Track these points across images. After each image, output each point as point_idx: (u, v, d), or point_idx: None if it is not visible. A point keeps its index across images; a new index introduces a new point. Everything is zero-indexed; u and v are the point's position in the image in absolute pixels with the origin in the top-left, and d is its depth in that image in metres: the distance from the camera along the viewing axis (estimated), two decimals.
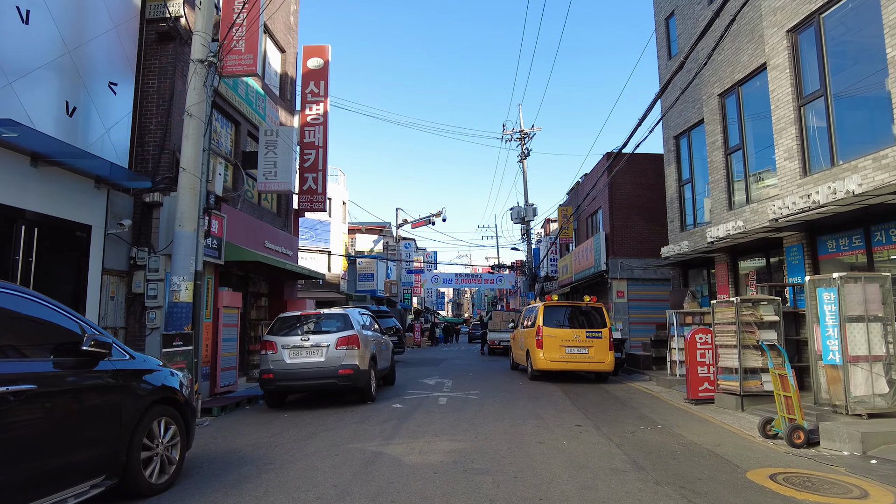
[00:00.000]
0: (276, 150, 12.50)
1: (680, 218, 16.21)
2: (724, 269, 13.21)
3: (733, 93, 12.96)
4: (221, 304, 11.03)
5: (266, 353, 9.04)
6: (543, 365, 12.49)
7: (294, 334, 9.12)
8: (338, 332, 9.06)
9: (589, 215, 24.18)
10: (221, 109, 11.93)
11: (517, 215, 31.93)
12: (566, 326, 12.84)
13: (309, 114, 15.97)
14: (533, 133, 32.60)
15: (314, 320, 9.41)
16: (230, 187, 12.27)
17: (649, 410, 8.88)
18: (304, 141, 15.86)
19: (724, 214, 12.94)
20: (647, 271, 20.60)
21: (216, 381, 10.80)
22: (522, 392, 10.85)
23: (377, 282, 31.56)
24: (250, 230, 12.62)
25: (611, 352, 12.71)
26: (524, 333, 14.19)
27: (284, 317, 9.54)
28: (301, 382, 8.87)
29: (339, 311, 9.51)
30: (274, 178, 12.39)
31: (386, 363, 11.28)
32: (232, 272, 12.77)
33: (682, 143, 16.33)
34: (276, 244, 13.91)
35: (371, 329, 10.85)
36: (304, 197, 15.69)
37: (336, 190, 29.53)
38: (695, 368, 10.00)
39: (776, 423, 7.04)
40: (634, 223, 20.97)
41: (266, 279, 14.56)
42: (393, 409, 8.71)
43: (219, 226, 10.85)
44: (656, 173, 21.26)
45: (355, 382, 8.96)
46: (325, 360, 8.86)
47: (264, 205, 14.28)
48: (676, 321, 12.69)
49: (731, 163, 13.20)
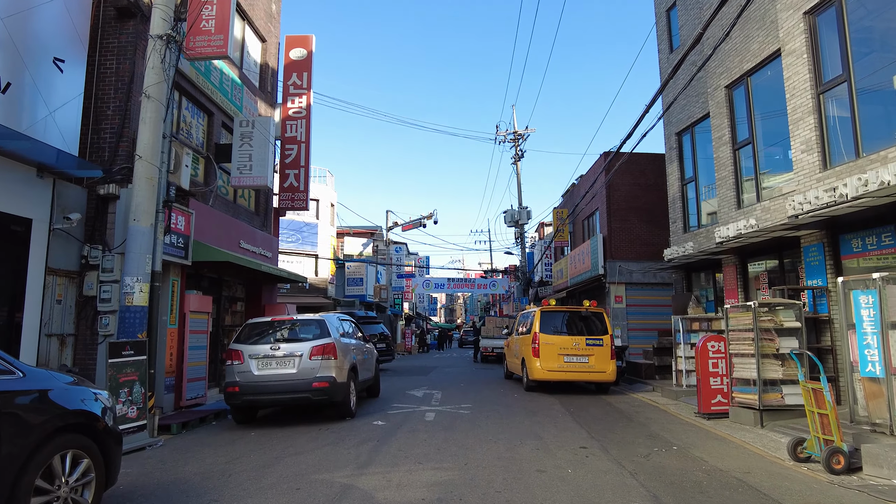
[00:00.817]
0: (251, 142, 11.56)
1: (683, 218, 15.38)
2: (733, 271, 12.37)
3: (742, 84, 12.15)
4: (188, 308, 10.06)
5: (231, 364, 8.07)
6: (540, 375, 11.58)
7: (263, 342, 8.16)
8: (313, 341, 8.11)
9: (585, 217, 23.36)
10: (192, 98, 10.99)
11: (511, 218, 31.09)
12: (565, 333, 11.94)
13: (291, 107, 15.05)
14: (527, 134, 31.86)
15: (287, 327, 8.46)
16: (201, 182, 11.31)
17: (659, 427, 7.98)
18: (286, 136, 14.92)
19: (733, 213, 12.11)
20: (646, 275, 19.77)
21: (181, 394, 9.81)
22: (518, 406, 9.92)
23: (366, 286, 30.57)
24: (223, 229, 11.65)
25: (612, 360, 11.82)
26: (519, 340, 13.28)
27: (253, 323, 8.58)
28: (270, 397, 7.91)
29: (315, 316, 8.57)
30: (249, 172, 11.45)
31: (369, 374, 10.33)
32: (203, 274, 11.79)
33: (685, 139, 15.54)
34: (253, 244, 12.94)
35: (353, 336, 9.90)
36: (285, 195, 14.73)
37: (324, 191, 28.59)
38: (706, 379, 9.13)
39: (809, 445, 6.16)
40: (633, 225, 20.15)
41: (242, 282, 13.58)
42: (373, 428, 7.76)
43: (185, 222, 9.89)
44: (655, 173, 20.49)
45: (331, 397, 8.00)
46: (297, 371, 7.90)
47: (241, 202, 13.32)
48: (682, 327, 11.83)
49: (739, 158, 12.39)
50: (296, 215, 27.23)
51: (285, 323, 8.50)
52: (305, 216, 27.67)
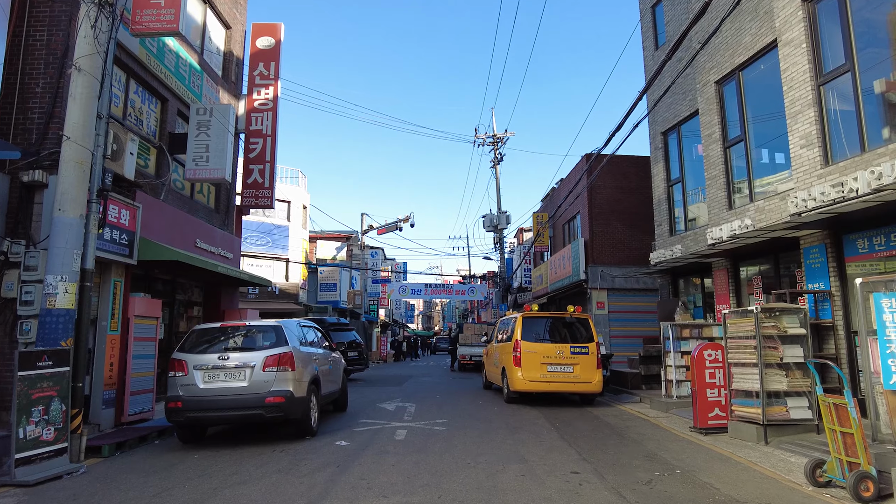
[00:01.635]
0: (209, 131, 10.56)
1: (669, 221, 14.78)
2: (724, 275, 11.74)
3: (733, 79, 11.58)
4: (133, 312, 8.99)
5: (174, 376, 7.06)
6: (522, 385, 10.75)
7: (211, 351, 7.17)
8: (267, 350, 7.14)
9: (566, 221, 22.74)
10: (143, 81, 9.97)
11: (490, 223, 30.37)
12: (548, 341, 11.14)
13: (257, 98, 14.06)
14: (506, 138, 31.24)
15: (239, 334, 7.47)
16: (152, 174, 10.27)
17: (655, 445, 7.20)
18: (251, 128, 13.93)
19: (724, 214, 11.50)
20: (629, 280, 19.18)
21: (123, 409, 8.73)
22: (499, 420, 9.07)
23: (340, 292, 29.48)
24: (177, 226, 10.61)
25: (599, 370, 11.06)
26: (499, 348, 12.45)
27: (201, 329, 7.58)
28: (217, 414, 6.91)
29: (271, 322, 7.60)
30: (205, 164, 10.44)
31: (335, 386, 9.38)
32: (155, 276, 10.72)
33: (671, 139, 14.97)
34: (211, 244, 11.89)
35: (318, 345, 8.95)
36: (249, 192, 13.71)
37: (296, 193, 27.50)
38: (703, 391, 8.40)
39: (829, 468, 5.42)
40: (615, 229, 19.55)
41: (199, 285, 12.50)
42: (335, 449, 6.81)
43: (130, 217, 8.86)
44: (638, 176, 19.96)
45: (288, 413, 7.04)
46: (248, 384, 6.93)
47: (199, 198, 12.26)
48: (672, 335, 11.14)
49: (730, 157, 11.80)
50: (266, 217, 26.10)
51: (237, 329, 7.52)
52: (276, 218, 26.55)
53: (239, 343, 7.33)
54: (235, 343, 7.33)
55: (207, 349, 7.23)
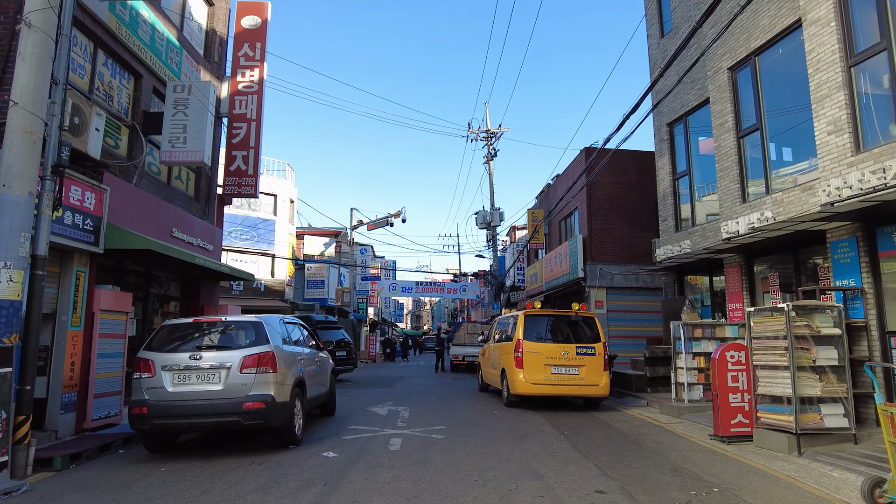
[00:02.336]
0: (187, 110, 9.69)
1: (675, 216, 14.11)
2: (737, 272, 11.08)
3: (748, 64, 10.92)
4: (99, 306, 8.12)
5: (139, 377, 6.22)
6: (524, 389, 10.00)
7: (183, 350, 6.33)
8: (245, 349, 6.32)
9: (563, 218, 22.04)
10: (113, 53, 9.09)
11: (483, 220, 29.69)
12: (552, 340, 10.41)
13: (241, 80, 13.18)
14: (500, 133, 30.60)
15: (215, 331, 6.63)
16: (123, 155, 9.39)
17: (679, 457, 6.49)
18: (234, 112, 13.05)
19: (737, 208, 10.85)
20: (629, 279, 18.53)
21: (86, 413, 7.86)
22: (502, 427, 8.31)
23: (328, 289, 28.56)
24: (152, 213, 9.74)
25: (606, 372, 10.35)
26: (498, 349, 11.70)
27: (171, 325, 6.72)
28: (188, 421, 6.08)
29: (251, 318, 6.76)
30: (182, 145, 9.56)
31: (322, 388, 8.56)
32: (126, 267, 9.83)
33: (678, 130, 14.31)
34: (189, 234, 11.02)
35: (303, 344, 8.13)
36: (232, 180, 12.83)
37: (283, 186, 26.56)
38: (725, 396, 7.71)
39: (891, 488, 4.73)
40: (615, 226, 18.89)
41: (177, 279, 11.61)
42: (322, 462, 6.01)
43: (96, 200, 7.99)
44: (639, 171, 19.34)
45: (268, 421, 6.22)
46: (223, 388, 6.10)
47: (177, 185, 11.37)
48: (684, 335, 10.45)
49: (744, 147, 11.14)
50: (251, 210, 25.15)
51: (212, 325, 6.68)
52: (262, 212, 25.61)
53: (214, 341, 6.49)
54: (210, 341, 6.50)
55: (178, 347, 6.39)
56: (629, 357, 15.01)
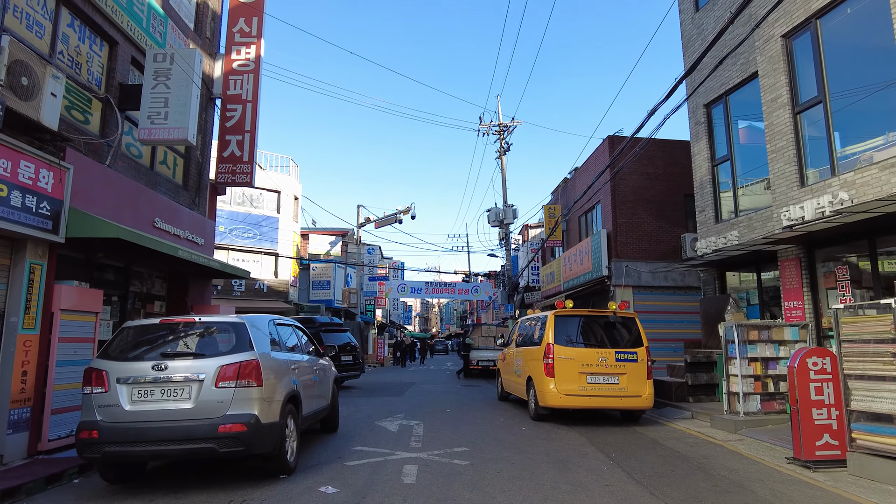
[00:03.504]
0: (168, 81, 8.47)
1: (714, 206, 12.76)
2: (795, 266, 9.72)
3: (806, 30, 9.58)
4: (59, 305, 6.90)
5: (90, 392, 4.97)
6: (555, 401, 8.68)
7: (145, 358, 5.08)
8: (223, 357, 5.05)
9: (583, 213, 20.69)
10: (82, 15, 7.89)
11: (495, 217, 28.35)
12: (587, 345, 9.10)
13: (236, 59, 11.98)
14: (513, 126, 29.29)
15: (186, 334, 5.36)
16: (95, 132, 8.18)
17: (767, 491, 5.16)
18: (228, 93, 11.84)
19: (794, 192, 9.49)
20: (656, 277, 17.15)
21: (41, 433, 6.63)
22: (535, 448, 7.00)
23: (334, 290, 27.34)
24: (129, 199, 8.52)
25: (649, 381, 9.02)
26: (522, 354, 10.38)
27: (133, 327, 5.46)
28: (149, 448, 4.81)
29: (231, 318, 5.48)
30: (163, 121, 8.34)
31: (322, 402, 7.29)
32: (100, 261, 8.61)
33: (716, 112, 12.96)
34: (175, 226, 9.80)
35: (300, 350, 6.87)
36: (225, 167, 11.61)
37: (287, 182, 25.38)
38: (808, 411, 6.36)
39: None
40: (641, 220, 17.52)
41: (162, 276, 10.39)
42: (319, 500, 4.73)
43: (55, 180, 6.77)
44: (666, 161, 17.98)
45: (251, 447, 4.95)
46: (194, 406, 4.84)
47: (161, 170, 10.15)
48: (738, 337, 9.10)
49: (801, 124, 9.79)
50: (254, 208, 23.99)
51: (185, 328, 5.41)
52: (265, 209, 24.44)
53: (185, 347, 5.23)
54: (180, 347, 5.24)
55: (140, 355, 5.13)
56: (663, 362, 13.64)
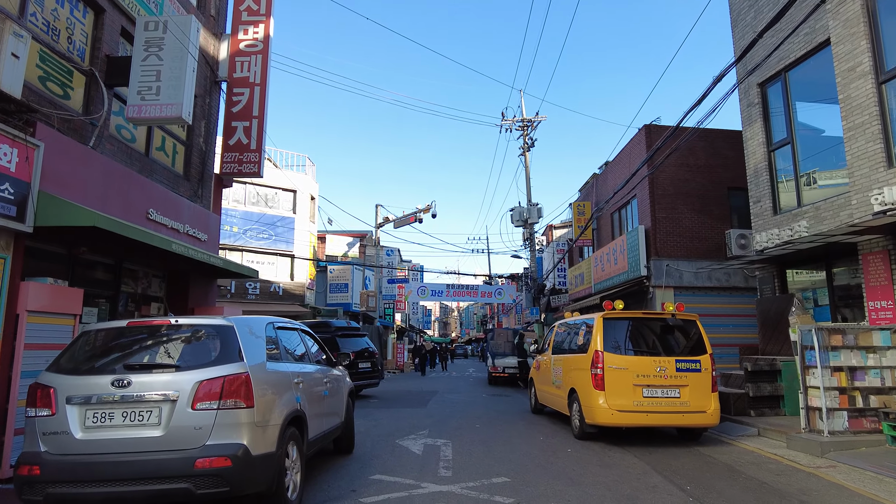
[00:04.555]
0: (161, 52, 7.47)
1: (772, 195, 11.41)
2: (883, 259, 8.37)
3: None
4: (25, 305, 5.89)
5: (34, 416, 3.89)
6: (605, 417, 7.43)
7: (104, 372, 3.98)
8: (202, 369, 3.93)
9: (616, 210, 19.35)
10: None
11: (519, 217, 27.08)
12: (642, 352, 7.84)
13: (243, 39, 10.99)
14: (537, 122, 28.04)
15: (158, 340, 4.25)
16: (77, 109, 7.19)
17: None
18: (235, 76, 10.84)
19: (881, 174, 8.16)
20: (699, 276, 15.76)
21: (1, 457, 5.60)
22: (589, 477, 5.77)
23: (352, 293, 26.31)
24: (117, 187, 7.52)
25: (714, 394, 7.72)
26: (563, 362, 9.14)
27: (94, 331, 4.36)
28: (105, 490, 3.70)
29: (217, 320, 4.35)
30: (155, 97, 7.33)
31: (335, 420, 6.16)
32: (85, 257, 7.61)
33: (773, 91, 11.62)
34: (173, 219, 8.79)
35: (308, 359, 5.74)
36: (231, 156, 10.60)
37: (303, 181, 24.47)
38: None
39: None
40: (682, 215, 16.16)
41: (160, 274, 9.39)
42: None
43: (20, 159, 5.78)
44: (707, 152, 16.60)
45: (238, 486, 3.80)
46: (164, 433, 3.73)
47: (159, 157, 9.16)
48: (818, 342, 7.77)
49: (886, 95, 8.45)
50: (269, 208, 23.09)
51: (157, 332, 4.30)
52: (280, 209, 23.53)
53: (156, 357, 4.12)
54: (149, 357, 4.13)
55: (99, 368, 4.04)
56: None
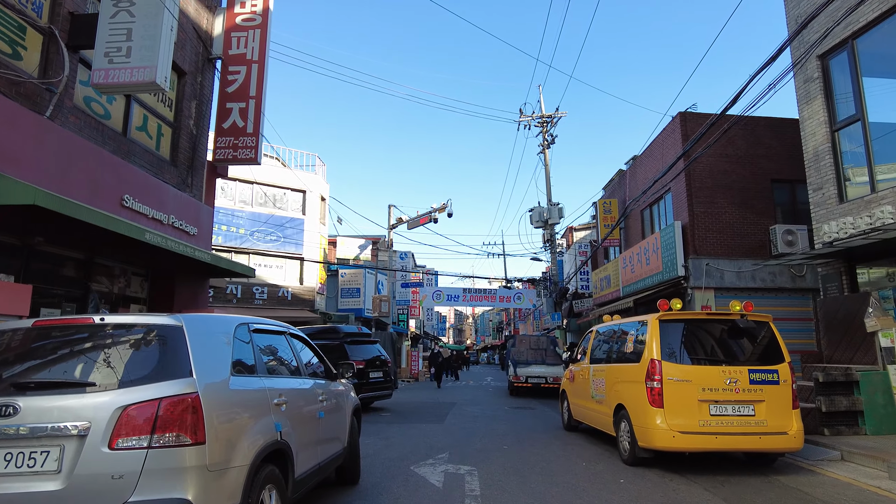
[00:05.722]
0: (133, 8, 6.35)
1: (836, 181, 10.03)
2: None
3: None
4: None
5: None
6: (665, 440, 6.09)
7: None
8: (128, 389, 2.71)
9: (646, 206, 17.96)
10: None
11: (538, 217, 25.79)
12: (706, 361, 6.50)
13: (240, 12, 9.90)
14: (557, 118, 26.83)
15: (74, 347, 3.03)
16: (30, 72, 6.08)
17: None
18: (230, 53, 9.75)
19: None
20: (742, 277, 14.34)
21: None
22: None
23: (364, 298, 25.13)
24: (83, 166, 6.39)
25: (796, 410, 6.34)
26: (607, 373, 7.81)
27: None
28: None
29: (160, 319, 3.13)
30: (124, 59, 6.21)
31: (335, 446, 4.93)
32: (43, 249, 6.48)
33: (837, 63, 10.25)
34: (155, 207, 7.66)
35: (300, 372, 4.53)
36: (225, 140, 9.48)
37: (313, 181, 23.41)
38: None
39: None
40: (721, 209, 14.77)
41: (142, 272, 8.26)
42: None
43: None
44: (747, 141, 15.21)
45: None
46: (64, 487, 2.52)
47: (139, 137, 8.04)
48: None
49: None
50: (277, 209, 22.04)
51: (70, 334, 3.08)
52: (289, 210, 22.48)
53: (61, 372, 2.90)
54: (51, 372, 2.92)
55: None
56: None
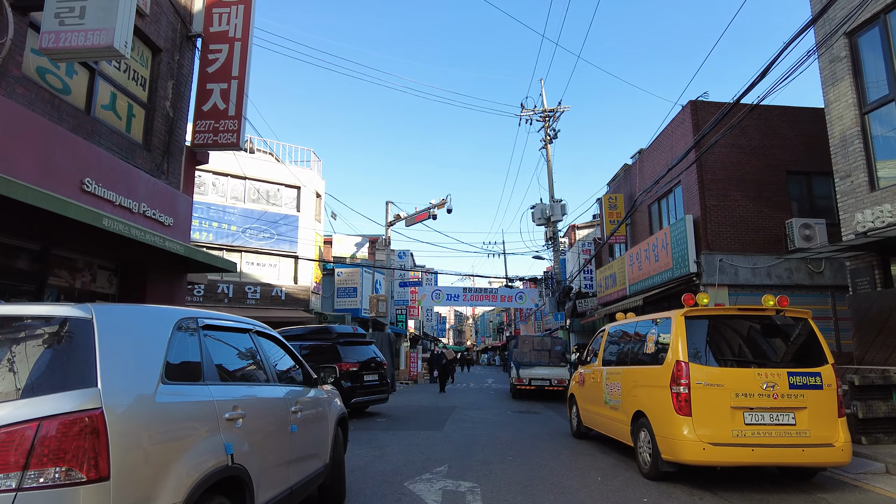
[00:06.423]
0: None
1: (867, 167, 9.30)
2: None
3: None
4: None
5: None
6: (693, 453, 5.34)
7: None
8: (2, 404, 1.98)
9: (654, 201, 17.21)
10: None
11: (540, 214, 25.06)
12: (740, 363, 5.75)
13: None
14: (559, 112, 26.11)
15: None
16: None
17: None
18: (211, 30, 9.01)
19: None
20: (756, 274, 13.60)
21: None
22: None
23: (361, 298, 24.37)
24: (33, 144, 5.65)
25: (842, 419, 5.59)
26: (623, 377, 7.06)
27: None
28: None
29: (60, 310, 2.39)
30: (78, 20, 5.46)
31: (315, 464, 4.18)
32: (8, 242, 5.74)
33: (867, 40, 9.52)
34: (123, 193, 6.91)
35: (262, 374, 3.78)
36: (205, 124, 8.73)
37: (308, 177, 22.67)
38: None
39: None
40: (735, 202, 14.02)
41: (111, 266, 7.50)
42: None
43: None
44: (761, 131, 14.49)
45: None
46: None
47: (104, 117, 7.28)
48: None
49: None
50: (270, 205, 21.29)
51: None
52: (283, 207, 21.73)
53: None
54: None
55: None
56: None
